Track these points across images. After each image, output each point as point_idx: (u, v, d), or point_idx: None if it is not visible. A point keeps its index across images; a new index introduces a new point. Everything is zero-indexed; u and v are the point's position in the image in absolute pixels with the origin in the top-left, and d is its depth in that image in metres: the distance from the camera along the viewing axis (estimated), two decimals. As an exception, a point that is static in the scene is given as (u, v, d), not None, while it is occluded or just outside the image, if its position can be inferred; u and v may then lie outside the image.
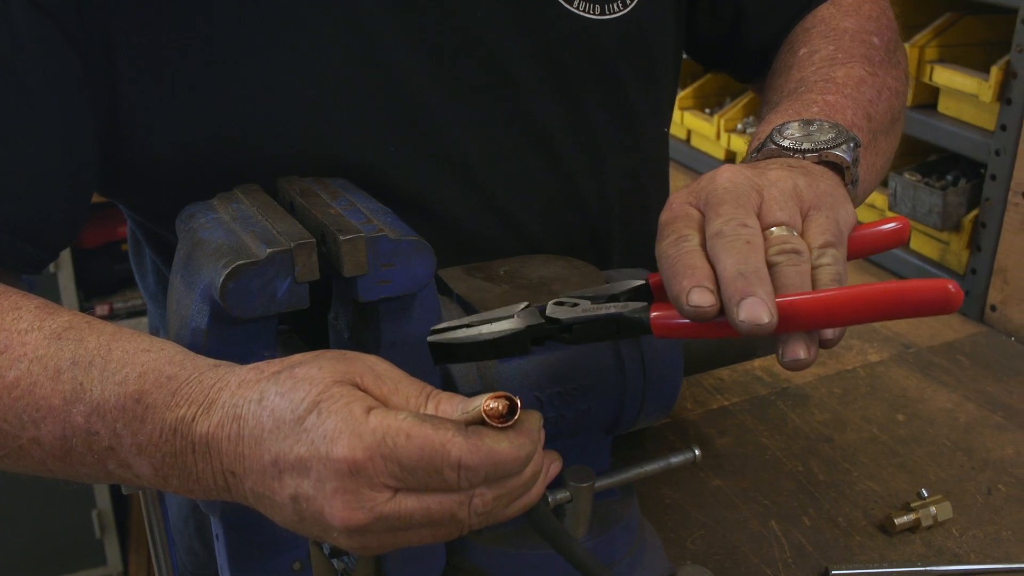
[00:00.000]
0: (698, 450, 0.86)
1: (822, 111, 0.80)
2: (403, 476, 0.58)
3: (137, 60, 0.78)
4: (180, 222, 0.76)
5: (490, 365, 0.77)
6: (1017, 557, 0.94)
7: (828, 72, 0.87)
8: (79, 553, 2.69)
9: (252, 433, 0.59)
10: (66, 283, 2.51)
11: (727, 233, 0.62)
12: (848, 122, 0.80)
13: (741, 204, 0.64)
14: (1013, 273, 1.36)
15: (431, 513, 0.59)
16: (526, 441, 0.60)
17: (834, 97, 0.82)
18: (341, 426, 0.57)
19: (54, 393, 0.64)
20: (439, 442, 0.57)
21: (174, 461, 0.62)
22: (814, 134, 0.74)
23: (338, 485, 0.57)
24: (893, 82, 0.90)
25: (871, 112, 0.84)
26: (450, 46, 0.85)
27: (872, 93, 0.86)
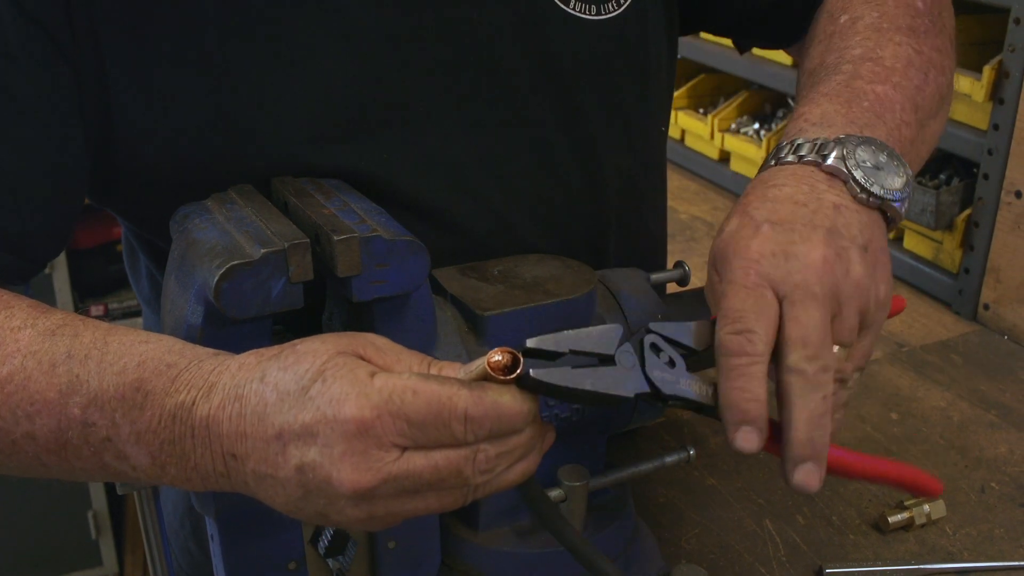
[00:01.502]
0: (692, 449, 0.86)
1: (872, 107, 0.77)
2: (411, 433, 0.58)
3: (128, 68, 0.78)
4: (174, 223, 0.76)
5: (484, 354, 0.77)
6: (1010, 555, 0.94)
7: (875, 49, 0.83)
8: (75, 554, 2.69)
9: (255, 411, 0.60)
10: (61, 284, 2.51)
11: (809, 377, 0.62)
12: (897, 120, 0.78)
13: (827, 333, 0.64)
14: (1006, 272, 1.36)
15: (439, 470, 0.59)
16: (528, 397, 0.61)
17: (883, 88, 0.79)
18: (347, 388, 0.58)
19: (49, 387, 0.64)
20: (445, 395, 0.58)
21: (172, 448, 0.62)
22: (885, 171, 0.71)
23: (346, 447, 0.57)
24: (938, 57, 0.86)
25: (918, 101, 0.81)
26: (444, 48, 0.85)
27: (919, 78, 0.82)
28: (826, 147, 0.72)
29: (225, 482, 0.62)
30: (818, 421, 0.62)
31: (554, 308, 0.78)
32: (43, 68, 0.76)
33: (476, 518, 0.83)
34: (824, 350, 0.63)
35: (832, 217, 0.68)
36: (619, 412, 0.85)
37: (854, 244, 0.67)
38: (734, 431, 0.62)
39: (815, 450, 0.62)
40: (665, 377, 0.64)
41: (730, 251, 0.68)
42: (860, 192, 0.70)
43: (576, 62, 0.90)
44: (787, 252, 0.65)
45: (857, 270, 0.66)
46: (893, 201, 0.71)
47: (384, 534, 0.78)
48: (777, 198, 0.70)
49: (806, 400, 0.62)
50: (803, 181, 0.71)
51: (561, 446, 0.82)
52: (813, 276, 0.64)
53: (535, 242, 0.91)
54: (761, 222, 0.68)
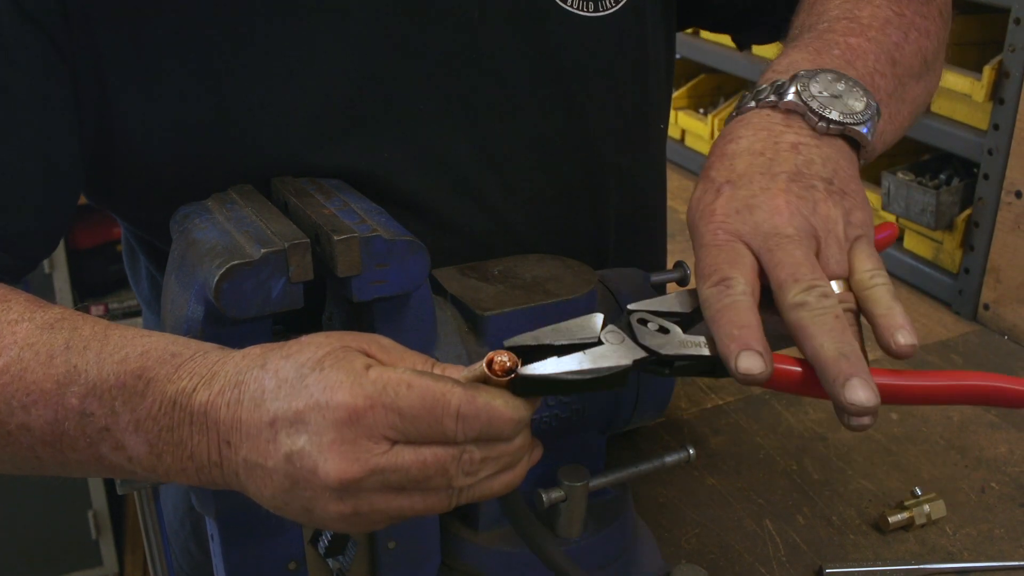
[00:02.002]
0: (692, 449, 0.86)
1: (843, 55, 0.77)
2: (402, 426, 0.58)
3: (126, 71, 0.78)
4: (174, 223, 0.76)
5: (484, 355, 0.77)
6: (1010, 555, 0.94)
7: (852, 10, 0.83)
8: (75, 554, 2.69)
9: (252, 397, 0.60)
10: (61, 284, 2.51)
11: (813, 306, 0.61)
12: (870, 68, 0.77)
13: (814, 264, 0.63)
14: (1006, 272, 1.36)
15: (426, 466, 0.59)
16: (520, 404, 0.61)
17: (857, 40, 0.79)
18: (342, 377, 0.58)
19: (46, 377, 0.64)
20: (439, 391, 0.58)
21: (170, 436, 0.61)
22: (844, 98, 0.71)
23: (336, 435, 0.57)
24: (923, 21, 0.85)
25: (896, 56, 0.80)
26: (444, 46, 0.85)
27: (898, 35, 0.82)
28: (783, 86, 0.72)
29: (218, 473, 0.62)
30: (840, 337, 0.60)
31: (554, 308, 0.78)
32: (41, 68, 0.76)
33: (476, 518, 0.83)
34: (817, 279, 0.62)
35: (791, 159, 0.68)
36: (618, 410, 0.85)
37: (817, 180, 0.67)
38: (733, 360, 0.60)
39: (852, 363, 0.59)
40: (660, 342, 0.63)
41: (696, 217, 0.68)
42: (819, 121, 0.70)
43: (575, 60, 0.90)
44: (750, 205, 0.66)
45: (824, 205, 0.66)
46: (855, 124, 0.70)
47: (384, 534, 0.78)
48: (735, 153, 0.70)
49: (820, 323, 0.61)
50: (760, 128, 0.71)
51: (561, 446, 0.82)
52: (781, 220, 0.65)
53: (535, 241, 0.91)
54: (721, 183, 0.68)
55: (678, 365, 0.63)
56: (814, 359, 0.60)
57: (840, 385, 0.59)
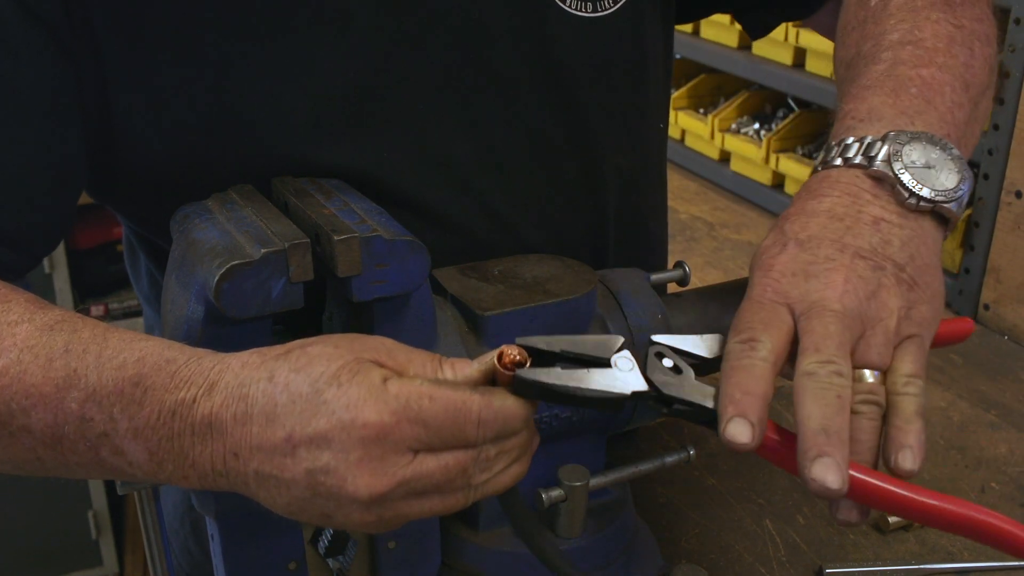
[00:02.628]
0: (692, 449, 0.86)
1: (921, 93, 0.73)
2: (427, 437, 0.59)
3: (127, 66, 0.78)
4: (175, 222, 0.76)
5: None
6: (1010, 555, 0.94)
7: (912, 31, 0.79)
8: (75, 554, 2.69)
9: (263, 411, 0.59)
10: (61, 284, 2.51)
11: (820, 378, 0.59)
12: (948, 102, 0.73)
13: (844, 344, 0.61)
14: (1006, 272, 1.36)
15: (448, 470, 0.60)
16: (525, 401, 0.62)
17: (929, 71, 0.74)
18: (364, 394, 0.58)
19: (46, 381, 0.63)
20: (460, 400, 0.59)
21: (171, 445, 0.61)
22: (937, 170, 0.67)
23: (363, 453, 0.58)
24: (980, 27, 0.82)
25: (968, 79, 0.76)
26: (443, 46, 0.85)
27: (965, 54, 0.78)
28: (873, 147, 0.69)
29: (223, 481, 0.62)
30: (830, 413, 0.58)
31: (554, 308, 0.78)
32: (43, 64, 0.76)
33: (476, 518, 0.83)
34: (839, 357, 0.60)
35: (868, 235, 0.65)
36: (618, 413, 0.85)
37: (889, 262, 0.64)
38: (723, 423, 0.58)
39: (829, 443, 0.56)
40: (667, 380, 0.62)
41: (754, 266, 0.67)
42: (909, 197, 0.67)
43: (574, 60, 0.90)
44: (808, 272, 0.64)
45: (885, 292, 0.63)
46: (946, 202, 0.67)
47: (384, 534, 0.78)
48: (815, 211, 0.67)
49: (816, 396, 0.59)
50: (846, 191, 0.68)
51: (561, 446, 0.82)
52: (832, 295, 0.62)
53: (535, 241, 0.91)
54: (789, 239, 0.66)
55: (676, 408, 0.62)
56: (797, 428, 0.59)
57: (810, 459, 0.56)
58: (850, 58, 0.83)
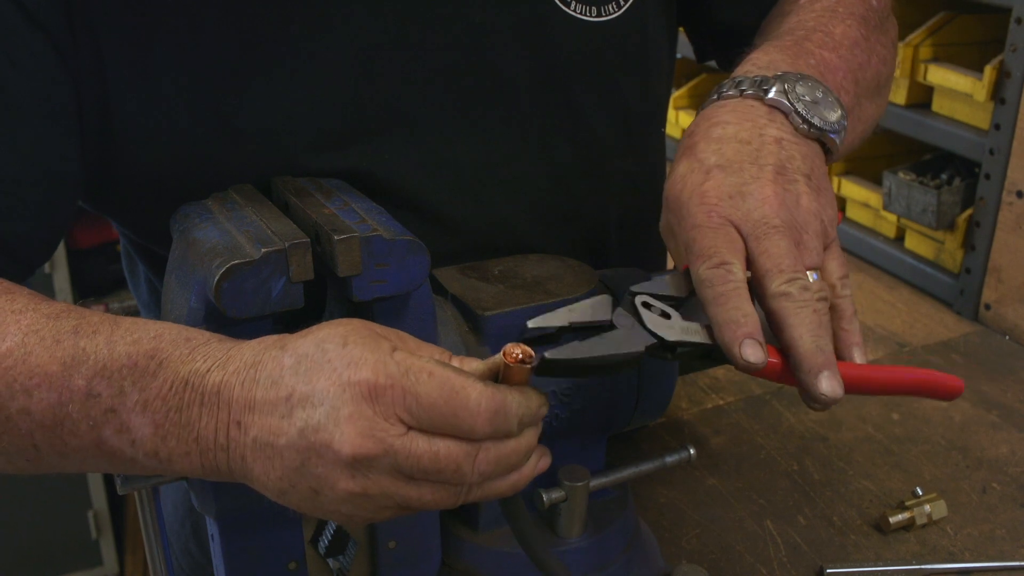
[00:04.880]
0: (693, 449, 0.86)
1: (817, 66, 0.82)
2: (419, 413, 0.59)
3: (128, 72, 0.77)
4: (175, 222, 0.76)
5: (485, 354, 0.77)
6: (1011, 555, 0.94)
7: (827, 24, 0.88)
8: (75, 554, 2.69)
9: (270, 375, 0.60)
10: (61, 283, 2.50)
11: (795, 297, 0.66)
12: (837, 84, 0.82)
13: (795, 256, 0.68)
14: (1007, 272, 1.36)
15: (438, 459, 0.59)
16: (532, 404, 0.62)
17: (829, 55, 0.84)
18: (367, 354, 0.59)
19: (52, 360, 0.63)
20: (459, 384, 0.59)
21: (178, 417, 0.61)
22: (822, 107, 0.76)
23: (354, 410, 0.58)
24: (882, 49, 0.92)
25: (859, 77, 0.86)
26: (446, 50, 0.85)
27: (863, 57, 0.87)
28: (767, 82, 0.76)
29: (223, 457, 0.62)
30: (818, 331, 0.66)
31: (554, 308, 0.78)
32: (44, 71, 0.75)
33: (476, 518, 0.83)
34: (799, 272, 0.67)
35: (776, 152, 0.72)
36: (619, 410, 0.85)
37: (799, 175, 0.71)
38: (737, 347, 0.64)
39: (826, 357, 0.65)
40: (665, 328, 0.66)
41: (685, 195, 0.71)
42: (801, 123, 0.75)
43: (577, 64, 0.90)
44: (741, 192, 0.70)
45: (806, 199, 0.70)
46: (830, 132, 0.76)
47: (384, 534, 0.78)
48: (722, 138, 0.73)
49: (800, 316, 0.66)
50: (745, 117, 0.75)
51: (562, 446, 0.82)
52: (770, 211, 0.69)
53: (536, 242, 0.91)
54: (711, 166, 0.72)
55: (680, 351, 0.66)
56: (791, 348, 0.66)
57: (814, 376, 0.65)
58: (768, 33, 0.92)
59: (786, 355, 0.66)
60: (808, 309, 0.66)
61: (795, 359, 0.66)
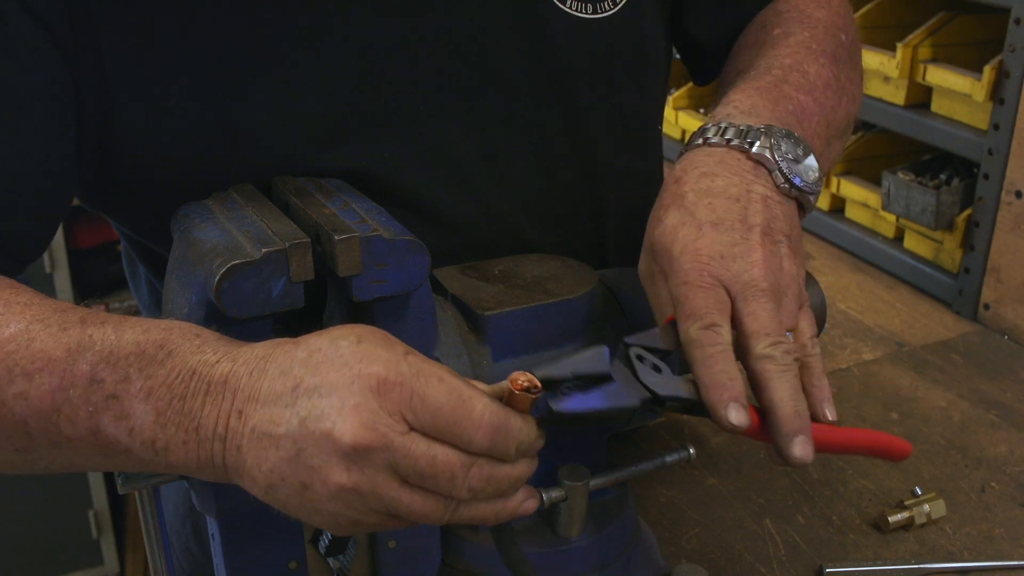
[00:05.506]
0: (693, 449, 0.86)
1: (795, 112, 0.84)
2: (423, 415, 0.60)
3: (128, 73, 0.78)
4: (175, 222, 0.77)
5: (486, 365, 0.78)
6: (1010, 555, 0.94)
7: (802, 63, 0.90)
8: (75, 553, 2.69)
9: (279, 366, 0.61)
10: (62, 284, 2.50)
11: (778, 360, 0.68)
12: (812, 131, 0.84)
13: (779, 320, 0.70)
14: (1006, 272, 1.36)
15: (435, 463, 0.60)
16: (532, 432, 0.63)
17: (806, 99, 0.86)
18: (381, 351, 0.60)
19: (56, 346, 0.64)
20: (467, 394, 0.60)
21: (181, 405, 0.62)
22: (802, 167, 0.78)
23: (360, 401, 0.59)
24: (852, 87, 0.94)
25: (831, 119, 0.89)
26: (444, 48, 0.85)
27: (835, 99, 0.90)
28: (751, 134, 0.78)
29: (219, 448, 0.62)
30: (798, 396, 0.68)
31: (554, 308, 0.78)
32: (43, 68, 0.75)
33: (476, 517, 0.83)
34: (781, 335, 0.70)
35: (762, 212, 0.74)
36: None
37: (783, 236, 0.74)
38: (724, 409, 0.67)
39: (803, 422, 0.68)
40: (657, 381, 0.68)
41: (676, 250, 0.73)
42: (783, 182, 0.77)
43: (574, 61, 0.90)
44: (732, 253, 0.71)
45: (788, 262, 0.73)
46: (809, 193, 0.78)
47: (384, 534, 0.78)
48: (711, 191, 0.75)
49: (782, 380, 0.68)
50: (733, 171, 0.76)
51: (561, 445, 0.82)
52: (758, 274, 0.71)
53: (535, 240, 0.92)
54: (703, 222, 0.73)
55: (669, 405, 0.69)
56: (771, 410, 0.68)
57: (789, 440, 0.67)
58: (743, 67, 0.93)
59: (763, 415, 0.69)
60: (790, 373, 0.68)
61: (774, 421, 0.68)
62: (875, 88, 1.52)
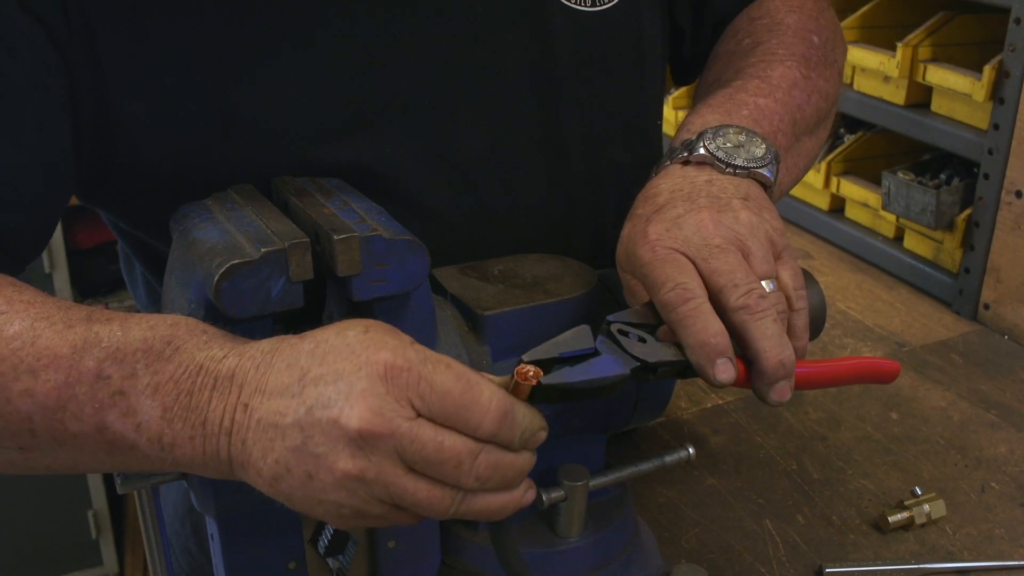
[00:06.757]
0: (692, 449, 0.86)
1: (751, 115, 0.85)
2: (431, 401, 0.60)
3: (125, 68, 0.77)
4: (174, 222, 0.76)
5: (485, 364, 0.77)
6: (1010, 555, 0.94)
7: (766, 69, 0.92)
8: (75, 553, 2.69)
9: (286, 359, 0.61)
10: (61, 284, 2.50)
11: (753, 308, 0.68)
12: (774, 128, 0.86)
13: (746, 267, 0.70)
14: (1006, 272, 1.36)
15: (443, 449, 0.60)
16: (537, 419, 0.64)
17: (765, 101, 0.88)
18: (388, 339, 0.61)
19: (63, 343, 0.64)
20: (475, 380, 0.61)
21: (188, 400, 0.62)
22: (746, 147, 0.80)
23: (368, 386, 0.59)
24: (824, 84, 0.95)
25: (797, 117, 0.90)
26: (445, 43, 0.85)
27: (802, 97, 0.91)
28: (692, 143, 0.81)
29: (224, 441, 0.62)
30: (780, 340, 0.68)
31: (554, 308, 0.78)
32: (40, 65, 0.75)
33: (476, 518, 0.83)
34: (752, 283, 0.69)
35: (707, 190, 0.76)
36: (618, 410, 0.85)
37: (734, 199, 0.75)
38: (710, 366, 0.67)
39: (787, 369, 0.69)
40: (644, 351, 0.69)
41: (631, 247, 0.74)
42: (726, 168, 0.79)
43: (574, 55, 0.91)
44: (678, 224, 0.73)
45: (743, 215, 0.73)
46: (759, 167, 0.79)
47: (384, 534, 0.78)
48: (656, 194, 0.78)
49: (762, 327, 0.68)
50: (676, 175, 0.79)
51: (561, 445, 0.82)
52: (708, 232, 0.72)
53: (534, 238, 0.92)
54: (648, 215, 0.75)
55: (661, 371, 0.69)
56: (755, 359, 0.69)
57: (770, 384, 0.69)
58: (711, 81, 0.96)
59: (748, 364, 0.69)
60: (768, 319, 0.68)
61: (759, 370, 0.69)
62: (875, 88, 1.52)
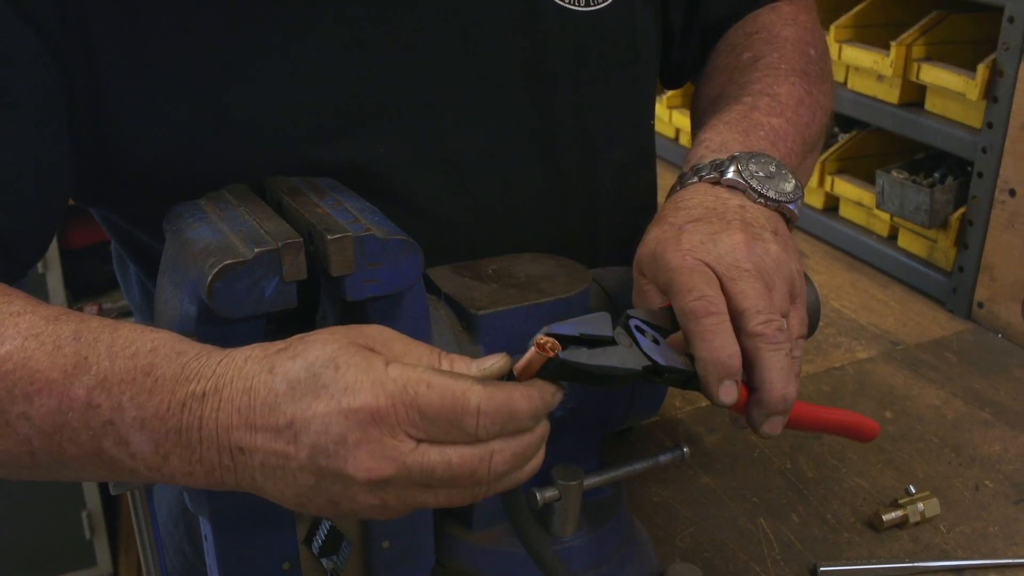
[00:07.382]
0: (687, 448, 0.86)
1: (768, 136, 0.87)
2: (424, 425, 0.59)
3: (119, 68, 0.77)
4: (167, 222, 0.76)
5: (478, 353, 0.77)
6: (1004, 553, 0.94)
7: (772, 85, 0.93)
8: (68, 554, 2.68)
9: (265, 402, 0.60)
10: (55, 284, 2.50)
11: (770, 338, 0.69)
12: (788, 149, 0.87)
13: (769, 299, 0.71)
14: (1000, 270, 1.36)
15: (453, 467, 0.60)
16: (536, 394, 0.62)
17: (778, 121, 0.89)
18: (362, 377, 0.59)
19: (53, 366, 0.63)
20: (459, 390, 0.59)
21: (178, 438, 0.61)
22: (776, 179, 0.80)
23: (360, 436, 0.58)
24: (824, 100, 0.96)
25: (806, 135, 0.91)
26: (439, 42, 0.85)
27: (808, 115, 0.92)
28: (722, 165, 0.81)
29: (230, 476, 0.62)
30: (787, 376, 0.69)
31: (548, 307, 0.78)
32: (36, 67, 0.75)
33: (470, 517, 0.83)
34: (775, 315, 0.70)
35: (740, 214, 0.77)
36: (613, 409, 0.85)
37: (766, 231, 0.76)
38: (716, 386, 0.68)
39: (787, 404, 0.69)
40: (656, 352, 0.68)
41: (659, 249, 0.74)
42: (758, 198, 0.79)
43: (567, 55, 0.91)
44: (713, 239, 0.73)
45: (773, 248, 0.74)
46: (787, 203, 0.80)
47: (378, 534, 0.78)
48: (690, 207, 0.78)
49: (775, 359, 0.69)
50: (708, 194, 0.79)
51: (556, 445, 0.82)
52: (741, 255, 0.72)
53: (527, 234, 0.92)
54: (682, 224, 0.76)
55: (667, 376, 0.69)
56: (760, 388, 0.69)
57: (766, 417, 0.70)
58: (714, 96, 0.96)
59: (751, 389, 0.70)
60: (781, 352, 0.69)
61: (758, 399, 0.69)
62: (869, 87, 1.53)
